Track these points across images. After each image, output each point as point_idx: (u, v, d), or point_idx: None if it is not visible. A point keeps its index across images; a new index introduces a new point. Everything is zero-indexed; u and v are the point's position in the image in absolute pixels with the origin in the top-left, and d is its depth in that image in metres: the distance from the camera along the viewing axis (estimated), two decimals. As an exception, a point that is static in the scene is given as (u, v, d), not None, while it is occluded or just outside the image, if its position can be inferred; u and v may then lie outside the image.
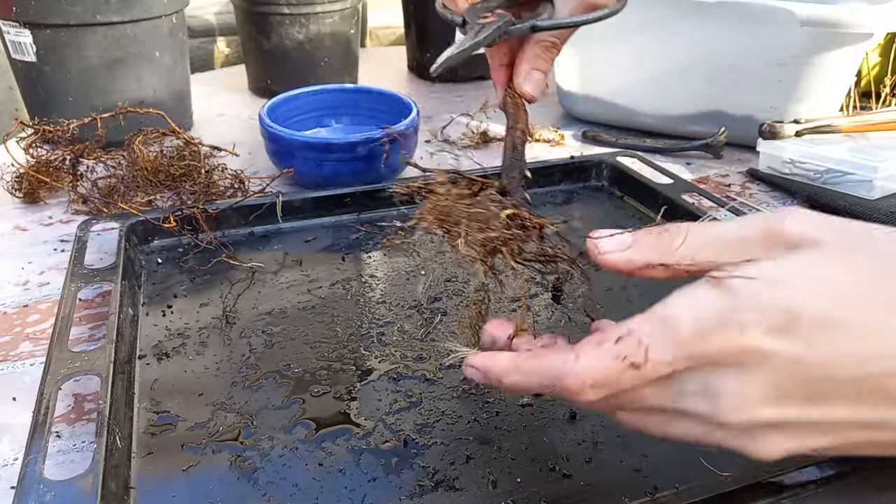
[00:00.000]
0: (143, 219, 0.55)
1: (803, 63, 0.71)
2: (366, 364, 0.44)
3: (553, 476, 0.36)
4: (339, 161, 0.63)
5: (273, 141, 0.65)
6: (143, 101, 0.73)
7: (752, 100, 0.75)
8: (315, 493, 0.35)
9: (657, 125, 0.81)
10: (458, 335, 0.38)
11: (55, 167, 0.64)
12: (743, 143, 0.78)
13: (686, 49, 0.75)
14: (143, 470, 0.36)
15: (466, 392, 0.41)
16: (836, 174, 0.66)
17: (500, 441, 0.38)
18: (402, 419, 0.39)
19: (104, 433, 0.34)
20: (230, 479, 0.35)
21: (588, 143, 0.81)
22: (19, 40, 0.70)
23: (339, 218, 0.61)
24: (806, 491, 0.33)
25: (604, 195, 0.67)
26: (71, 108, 0.72)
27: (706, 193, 0.60)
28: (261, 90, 0.95)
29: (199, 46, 1.30)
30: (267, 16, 0.88)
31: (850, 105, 0.79)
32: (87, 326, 0.48)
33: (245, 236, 0.58)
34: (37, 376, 0.42)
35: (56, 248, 0.58)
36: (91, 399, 0.42)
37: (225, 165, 0.64)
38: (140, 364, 0.43)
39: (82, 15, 0.68)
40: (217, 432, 0.38)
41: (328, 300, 0.50)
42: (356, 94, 0.76)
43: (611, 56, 0.80)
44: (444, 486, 0.35)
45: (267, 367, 0.43)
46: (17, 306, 0.51)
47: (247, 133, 0.83)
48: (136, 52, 0.73)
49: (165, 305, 0.49)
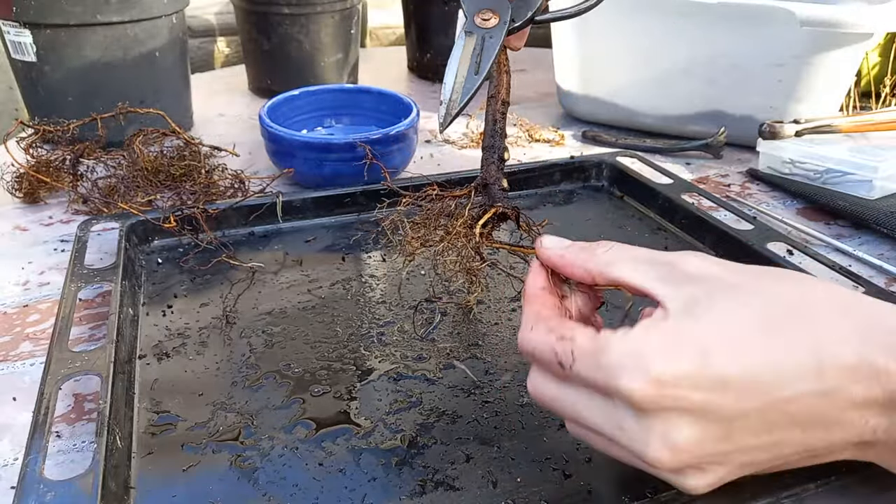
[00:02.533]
0: (143, 219, 0.55)
1: (803, 63, 0.71)
2: (366, 364, 0.44)
3: (553, 476, 0.36)
4: (339, 161, 0.63)
5: (273, 141, 0.65)
6: (143, 101, 0.73)
7: (752, 100, 0.75)
8: (315, 493, 0.35)
9: (657, 125, 0.81)
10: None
11: (55, 167, 0.64)
12: (743, 143, 0.78)
13: (686, 49, 0.75)
14: (143, 470, 0.36)
15: (466, 392, 0.41)
16: (836, 174, 0.66)
17: (500, 441, 0.38)
18: (402, 419, 0.39)
19: (104, 433, 0.34)
20: (230, 479, 0.35)
21: (588, 143, 0.81)
22: (19, 40, 0.70)
23: (339, 218, 0.61)
24: (806, 491, 0.33)
25: (604, 195, 0.67)
26: (71, 108, 0.72)
27: (706, 193, 0.60)
28: (261, 90, 0.95)
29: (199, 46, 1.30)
30: (267, 16, 0.88)
31: (850, 105, 0.79)
32: (88, 326, 0.48)
33: (245, 236, 0.58)
34: (37, 376, 0.42)
35: (56, 248, 0.58)
36: (91, 399, 0.42)
37: (225, 165, 0.64)
38: (140, 364, 0.43)
39: (82, 15, 0.68)
40: (217, 432, 0.38)
41: (328, 300, 0.50)
42: (356, 94, 0.76)
43: (611, 56, 0.80)
44: (444, 486, 0.35)
45: (267, 366, 0.43)
46: (17, 306, 0.51)
47: (247, 133, 0.83)
48: (136, 52, 0.73)
49: (165, 305, 0.49)
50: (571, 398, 0.30)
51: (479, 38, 0.40)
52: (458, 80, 0.39)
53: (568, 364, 0.30)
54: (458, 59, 0.40)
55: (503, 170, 0.42)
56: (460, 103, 0.39)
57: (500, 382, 0.42)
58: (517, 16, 0.40)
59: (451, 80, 0.39)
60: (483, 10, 0.40)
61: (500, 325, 0.47)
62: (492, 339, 0.46)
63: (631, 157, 0.68)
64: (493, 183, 0.41)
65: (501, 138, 0.42)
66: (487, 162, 0.42)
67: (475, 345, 0.45)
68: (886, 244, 0.60)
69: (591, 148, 0.80)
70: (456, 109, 0.39)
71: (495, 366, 0.43)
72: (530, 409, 0.40)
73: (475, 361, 0.44)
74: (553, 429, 0.39)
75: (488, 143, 0.42)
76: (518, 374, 0.43)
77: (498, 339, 0.46)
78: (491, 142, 0.42)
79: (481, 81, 0.39)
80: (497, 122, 0.42)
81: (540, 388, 0.32)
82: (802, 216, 0.65)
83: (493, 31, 0.40)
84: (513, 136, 0.82)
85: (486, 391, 0.41)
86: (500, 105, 0.42)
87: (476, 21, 0.40)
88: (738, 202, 0.66)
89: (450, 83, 0.39)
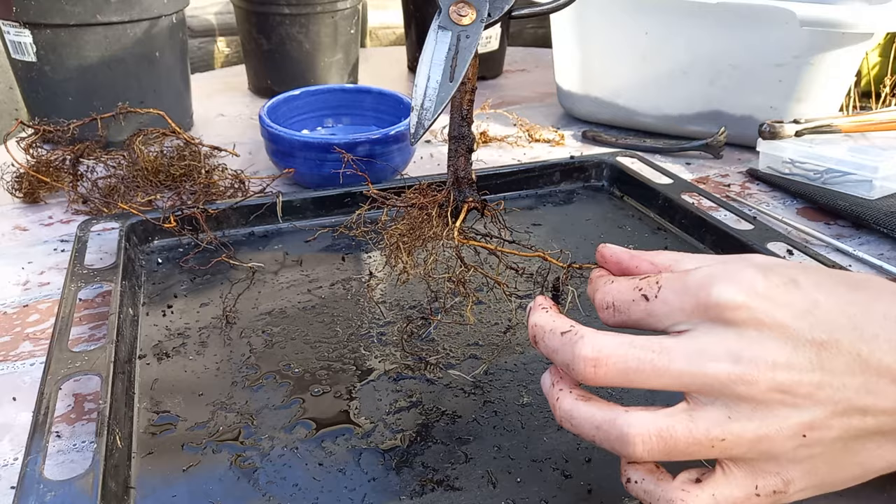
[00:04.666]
0: (143, 219, 0.55)
1: (803, 63, 0.71)
2: (366, 364, 0.44)
3: (553, 476, 0.36)
4: (339, 161, 0.63)
5: (273, 141, 0.65)
6: (143, 101, 0.73)
7: (752, 100, 0.75)
8: (315, 493, 0.35)
9: (657, 125, 0.81)
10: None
11: (55, 167, 0.64)
12: (743, 143, 0.78)
13: (686, 49, 0.75)
14: (143, 470, 0.36)
15: (466, 392, 0.41)
16: (836, 174, 0.66)
17: (500, 441, 0.38)
18: (402, 419, 0.39)
19: (104, 433, 0.34)
20: (230, 479, 0.35)
21: (588, 143, 0.81)
22: (19, 40, 0.70)
23: (339, 218, 0.61)
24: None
25: (604, 195, 0.67)
26: (71, 108, 0.72)
27: (706, 193, 0.60)
28: (261, 90, 0.95)
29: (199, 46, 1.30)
30: (267, 16, 0.88)
31: (850, 105, 0.79)
32: (87, 326, 0.48)
33: (245, 236, 0.58)
34: (37, 376, 0.42)
35: (56, 248, 0.58)
36: (91, 399, 0.42)
37: (225, 165, 0.64)
38: (140, 364, 0.43)
39: (82, 15, 0.68)
40: (217, 432, 0.38)
41: (328, 300, 0.50)
42: (356, 94, 0.76)
43: (611, 56, 0.80)
44: (444, 486, 0.35)
45: (267, 366, 0.43)
46: (17, 306, 0.51)
47: (247, 133, 0.83)
48: (136, 52, 0.73)
49: (165, 305, 0.49)
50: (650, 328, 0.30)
51: (454, 36, 0.38)
52: (431, 85, 0.37)
53: (653, 294, 0.29)
54: (430, 60, 0.37)
55: (471, 161, 0.40)
56: (434, 113, 0.37)
57: (500, 382, 0.42)
58: (493, 10, 0.38)
59: (422, 84, 0.37)
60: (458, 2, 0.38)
61: (500, 324, 0.47)
62: (492, 339, 0.46)
63: (631, 157, 0.68)
64: (463, 176, 0.40)
65: (469, 127, 0.40)
66: (457, 153, 0.40)
67: (475, 345, 0.45)
68: (886, 244, 0.60)
69: (591, 148, 0.80)
70: (429, 121, 0.37)
71: (495, 366, 0.43)
72: (530, 409, 0.40)
73: (475, 361, 0.44)
74: (553, 429, 0.39)
75: (456, 132, 0.40)
76: (518, 374, 0.43)
77: (498, 339, 0.46)
78: (459, 131, 0.40)
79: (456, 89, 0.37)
80: (464, 109, 0.40)
81: (608, 343, 0.29)
82: (802, 216, 0.65)
83: (469, 29, 0.38)
84: (513, 136, 0.82)
85: (486, 391, 0.41)
86: (468, 93, 0.40)
87: (451, 16, 0.38)
88: (738, 202, 0.66)
89: (421, 87, 0.37)
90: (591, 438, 0.29)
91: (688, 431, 0.27)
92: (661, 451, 0.27)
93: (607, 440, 0.28)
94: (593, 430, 0.29)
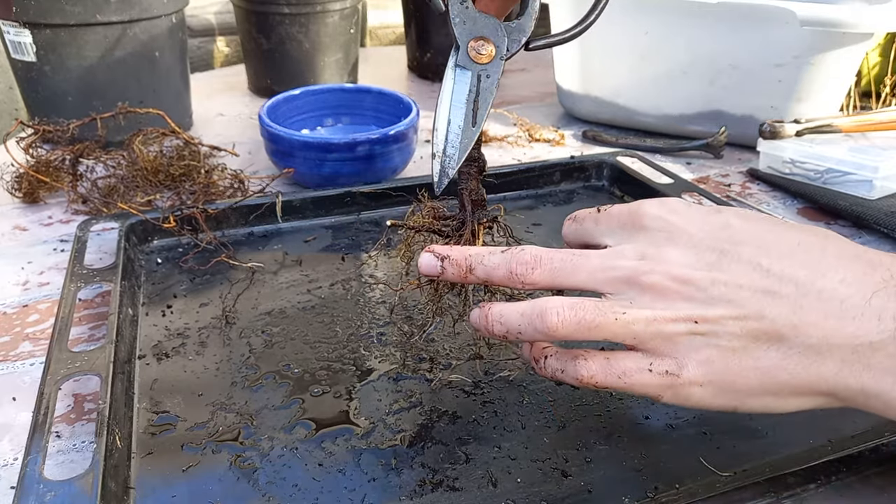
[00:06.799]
0: (142, 219, 0.55)
1: (803, 63, 0.71)
2: (366, 364, 0.44)
3: (553, 476, 0.36)
4: (339, 161, 0.63)
5: (273, 141, 0.65)
6: (143, 101, 0.73)
7: (753, 100, 0.75)
8: (315, 493, 0.35)
9: (657, 125, 0.81)
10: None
11: (55, 167, 0.64)
12: (743, 143, 0.78)
13: (686, 49, 0.75)
14: (143, 470, 0.36)
15: (466, 392, 0.41)
16: (836, 174, 0.66)
17: (500, 441, 0.38)
18: (402, 419, 0.39)
19: (104, 433, 0.34)
20: (230, 479, 0.35)
21: (588, 142, 0.81)
22: (19, 40, 0.70)
23: (339, 218, 0.61)
24: (806, 491, 0.33)
25: (604, 195, 0.67)
26: (71, 108, 0.72)
27: (706, 193, 0.60)
28: (261, 90, 0.95)
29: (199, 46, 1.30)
30: (267, 16, 0.88)
31: (850, 105, 0.79)
32: (87, 326, 0.48)
33: (245, 236, 0.58)
34: (37, 376, 0.42)
35: (56, 248, 0.58)
36: (91, 399, 0.42)
37: (225, 165, 0.64)
38: (140, 364, 0.43)
39: (82, 15, 0.68)
40: (217, 432, 0.38)
41: (328, 300, 0.50)
42: (356, 94, 0.76)
43: (611, 56, 0.80)
44: (444, 486, 0.35)
45: (267, 367, 0.43)
46: (17, 306, 0.51)
47: (247, 133, 0.83)
48: (135, 52, 0.73)
49: (165, 305, 0.49)
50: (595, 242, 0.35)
51: (475, 76, 0.36)
52: (453, 129, 0.36)
53: (604, 209, 0.35)
54: (449, 101, 0.36)
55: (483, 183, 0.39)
56: (458, 161, 0.36)
57: (500, 382, 0.42)
58: (511, 44, 0.37)
59: (443, 128, 0.36)
60: (477, 38, 0.36)
61: (500, 325, 0.47)
62: (491, 339, 0.46)
63: (631, 157, 0.68)
64: (476, 199, 0.39)
65: (479, 149, 0.39)
66: (469, 176, 0.38)
67: (475, 344, 0.45)
68: (887, 244, 0.60)
69: (592, 148, 0.80)
70: (453, 169, 0.36)
71: (495, 366, 0.43)
72: (530, 409, 0.40)
73: (475, 361, 0.44)
74: (553, 429, 0.39)
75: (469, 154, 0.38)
76: (518, 374, 0.43)
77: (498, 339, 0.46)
78: (470, 153, 0.38)
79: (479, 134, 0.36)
80: None
81: (543, 250, 0.34)
82: (803, 216, 0.65)
83: (488, 67, 0.36)
84: (513, 135, 0.82)
85: (486, 391, 0.41)
86: None
87: (470, 53, 0.36)
88: (738, 202, 0.66)
89: (442, 131, 0.36)
90: (517, 329, 0.32)
91: (594, 305, 0.31)
92: (573, 322, 0.31)
93: (530, 322, 0.32)
94: (519, 317, 0.32)
